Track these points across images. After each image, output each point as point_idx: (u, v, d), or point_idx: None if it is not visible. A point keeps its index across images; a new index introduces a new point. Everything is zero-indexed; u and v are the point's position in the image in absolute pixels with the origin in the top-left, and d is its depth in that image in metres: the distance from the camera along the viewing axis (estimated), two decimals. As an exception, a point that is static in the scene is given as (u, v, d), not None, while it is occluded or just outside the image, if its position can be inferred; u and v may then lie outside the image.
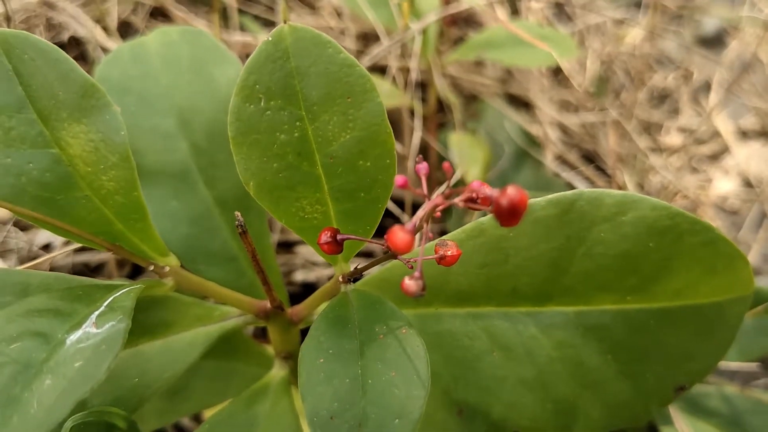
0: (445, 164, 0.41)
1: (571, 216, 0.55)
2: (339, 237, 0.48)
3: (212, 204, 0.68)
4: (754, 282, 0.58)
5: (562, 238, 0.56)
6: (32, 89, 0.50)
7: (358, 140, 0.49)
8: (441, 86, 1.00)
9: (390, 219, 1.02)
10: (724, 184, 1.32)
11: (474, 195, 0.46)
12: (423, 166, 0.45)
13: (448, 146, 0.94)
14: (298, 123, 0.49)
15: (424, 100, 1.08)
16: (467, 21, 1.22)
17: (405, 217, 0.96)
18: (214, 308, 0.61)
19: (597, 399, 0.57)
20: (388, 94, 0.96)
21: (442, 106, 1.11)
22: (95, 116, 0.50)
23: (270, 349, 0.74)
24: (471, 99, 1.16)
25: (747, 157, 1.36)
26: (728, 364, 0.95)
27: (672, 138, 1.38)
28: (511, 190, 0.37)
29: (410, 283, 0.42)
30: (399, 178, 0.41)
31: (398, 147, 0.98)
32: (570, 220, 0.55)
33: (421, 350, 0.48)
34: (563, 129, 1.21)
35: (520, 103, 1.22)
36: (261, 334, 0.89)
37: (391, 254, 0.48)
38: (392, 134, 0.49)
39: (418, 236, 0.45)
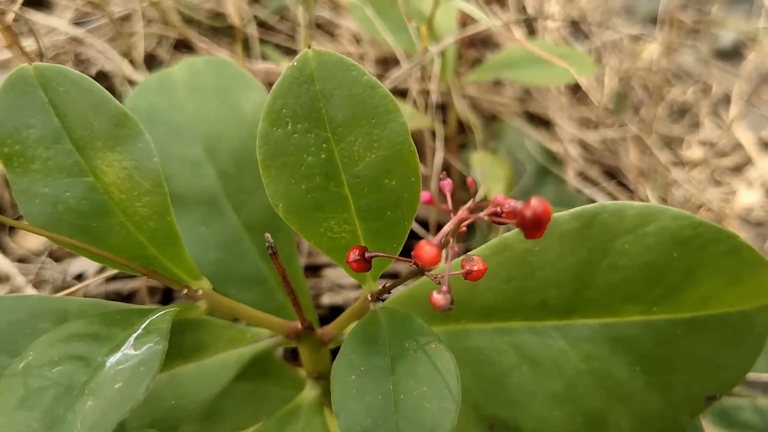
0: (469, 179, 0.42)
1: (593, 229, 0.56)
2: (367, 255, 0.49)
3: (241, 228, 0.70)
4: (781, 290, 0.58)
5: (586, 251, 0.56)
6: (68, 120, 0.52)
7: (383, 159, 0.50)
8: (461, 107, 1.02)
9: (415, 240, 1.02)
10: (748, 196, 1.32)
11: (498, 209, 0.47)
12: (447, 183, 0.46)
13: (470, 166, 0.95)
14: (324, 145, 0.50)
15: (444, 121, 1.09)
16: (485, 43, 1.24)
17: (429, 237, 0.97)
18: (246, 330, 0.63)
19: (626, 411, 0.58)
20: (410, 116, 0.98)
21: (462, 127, 1.13)
22: (128, 144, 0.52)
23: (302, 372, 0.74)
24: (491, 119, 1.17)
25: (770, 168, 1.35)
26: (760, 376, 0.94)
27: (693, 152, 1.38)
28: (535, 202, 0.38)
29: (438, 297, 0.43)
30: (425, 194, 0.42)
31: (421, 168, 0.99)
32: (593, 233, 0.56)
33: (451, 365, 0.48)
34: (584, 146, 1.22)
35: (540, 121, 1.23)
36: (292, 357, 0.90)
37: (418, 270, 0.49)
38: (416, 153, 0.50)
39: (444, 251, 0.46)
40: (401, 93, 1.09)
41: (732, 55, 1.54)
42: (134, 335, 0.49)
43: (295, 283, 0.68)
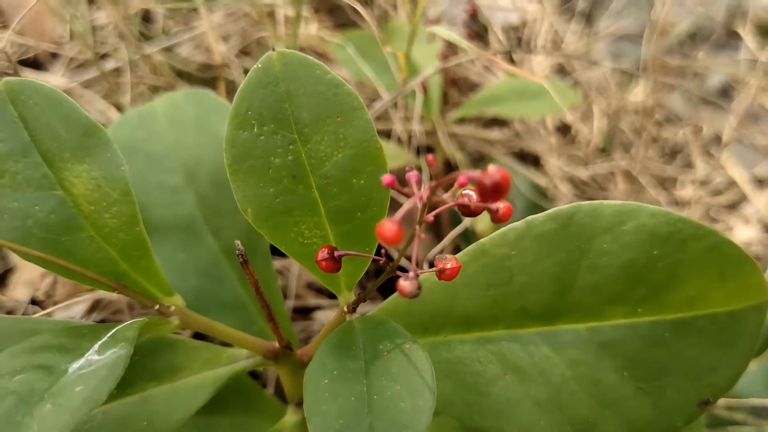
0: (429, 157, 0.41)
1: (571, 230, 0.55)
2: (336, 254, 0.48)
3: (219, 253, 0.69)
4: (768, 289, 0.57)
5: (564, 252, 0.55)
6: (36, 133, 0.52)
7: (350, 158, 0.50)
8: (447, 146, 1.02)
9: (399, 207, 1.01)
10: (745, 232, 1.31)
11: (467, 200, 0.46)
12: (413, 174, 0.46)
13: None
14: (291, 146, 0.50)
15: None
16: (467, 83, 1.25)
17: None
18: (222, 351, 0.61)
19: (617, 418, 0.55)
20: (394, 155, 0.98)
21: (450, 166, 1.13)
22: (97, 154, 0.52)
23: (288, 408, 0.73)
24: (479, 159, 1.17)
25: (766, 203, 1.35)
26: (765, 401, 0.91)
27: (687, 191, 1.37)
28: (492, 169, 0.37)
29: (405, 284, 0.42)
30: (386, 177, 0.41)
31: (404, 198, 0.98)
32: (570, 234, 0.55)
33: (425, 363, 0.47)
34: (573, 182, 1.21)
35: (529, 159, 1.23)
36: (280, 394, 0.88)
37: (390, 267, 0.48)
38: (383, 150, 0.50)
39: (412, 235, 0.45)
40: (386, 134, 1.09)
41: (720, 96, 1.55)
42: (99, 342, 0.48)
43: (274, 305, 0.67)
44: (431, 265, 0.56)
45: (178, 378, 0.59)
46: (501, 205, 0.44)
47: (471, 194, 0.47)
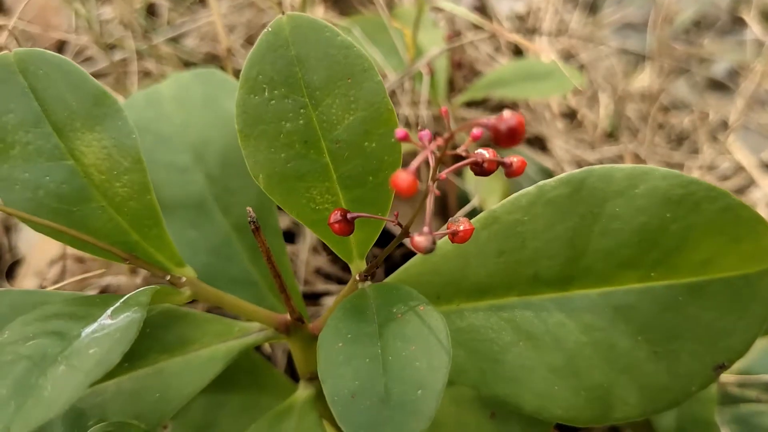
0: (443, 109, 0.41)
1: (582, 194, 0.55)
2: (349, 216, 0.48)
3: (230, 230, 0.69)
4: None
5: (577, 216, 0.55)
6: (47, 103, 0.52)
7: (361, 120, 0.50)
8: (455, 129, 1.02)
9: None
10: (753, 216, 1.30)
11: (480, 159, 0.46)
12: (425, 133, 0.46)
13: (465, 179, 0.94)
14: (302, 110, 0.50)
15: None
16: (476, 73, 1.25)
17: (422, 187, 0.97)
18: (234, 324, 0.61)
19: (632, 383, 0.55)
20: (402, 139, 0.98)
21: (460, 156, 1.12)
22: (107, 123, 0.52)
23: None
24: (485, 146, 1.17)
25: (774, 187, 1.34)
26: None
27: (695, 176, 1.37)
28: (507, 114, 0.37)
29: (420, 240, 0.42)
30: (399, 131, 0.41)
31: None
32: (582, 198, 0.55)
33: (440, 323, 0.47)
34: (581, 166, 1.21)
35: (537, 143, 1.23)
36: (291, 374, 0.87)
37: (403, 229, 0.48)
38: (395, 112, 0.49)
39: (425, 185, 0.45)
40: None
41: (726, 83, 1.55)
42: (112, 308, 0.48)
43: (286, 280, 0.67)
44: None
45: (190, 351, 0.58)
46: (515, 159, 0.44)
47: (484, 153, 0.46)
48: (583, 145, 1.25)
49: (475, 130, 0.41)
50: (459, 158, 0.46)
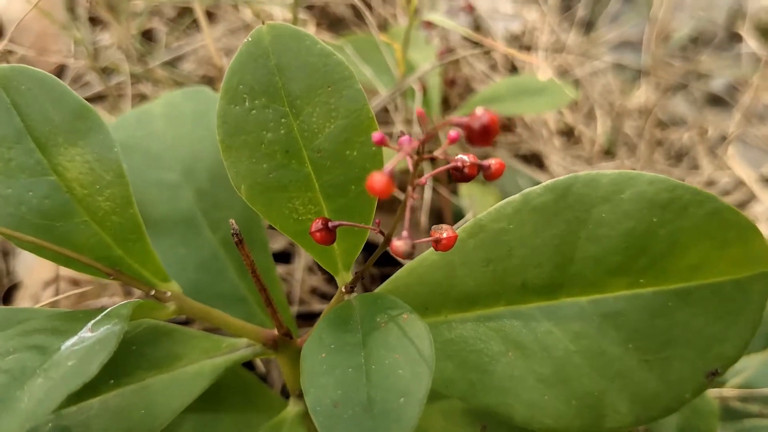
0: (418, 110, 0.41)
1: (568, 200, 0.54)
2: (331, 224, 0.48)
3: (218, 246, 0.69)
4: (774, 257, 0.56)
5: (563, 223, 0.55)
6: (29, 118, 0.52)
7: (342, 129, 0.49)
8: (449, 147, 1.02)
9: (401, 205, 1.00)
10: (755, 230, 1.29)
11: (460, 164, 0.46)
12: (405, 138, 0.46)
13: (460, 196, 0.94)
14: (283, 119, 0.50)
15: (434, 160, 1.09)
16: (470, 91, 1.25)
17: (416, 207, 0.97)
18: (222, 340, 0.60)
19: (624, 391, 0.54)
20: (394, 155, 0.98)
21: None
22: (90, 137, 0.52)
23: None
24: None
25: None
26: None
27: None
28: (479, 111, 0.37)
29: (399, 244, 0.42)
30: (376, 135, 0.41)
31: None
32: (568, 205, 0.54)
33: (423, 331, 0.46)
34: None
35: (533, 160, 1.23)
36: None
37: (385, 239, 0.48)
38: (375, 120, 0.49)
39: (406, 189, 0.44)
40: (386, 136, 1.09)
41: (725, 98, 1.55)
42: (93, 321, 0.47)
43: (273, 295, 0.67)
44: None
45: (177, 367, 0.58)
46: (492, 161, 0.44)
47: (464, 158, 0.46)
48: (580, 162, 1.24)
49: (452, 132, 0.41)
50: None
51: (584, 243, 0.55)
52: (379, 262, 1.01)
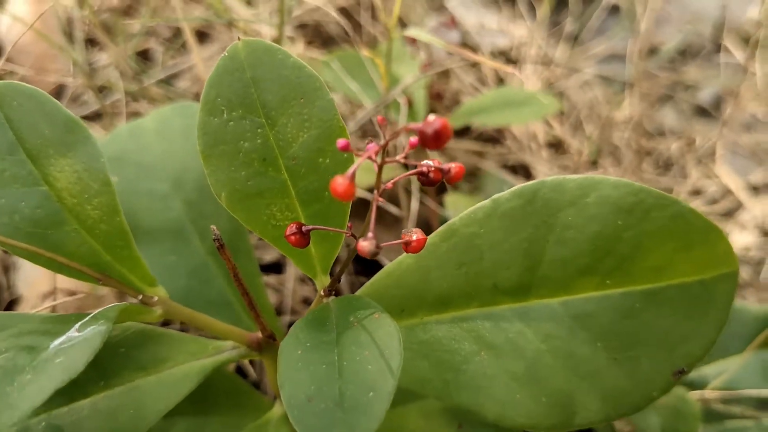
0: (379, 118, 0.43)
1: (536, 205, 0.57)
2: (305, 228, 0.50)
3: (206, 255, 0.71)
4: (737, 258, 0.58)
5: (531, 227, 0.57)
6: (21, 132, 0.55)
7: (315, 138, 0.52)
8: (435, 157, 1.04)
9: (390, 216, 1.02)
10: (743, 238, 1.31)
11: (425, 169, 0.48)
12: (372, 145, 0.48)
13: (445, 207, 0.96)
14: (259, 130, 0.52)
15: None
16: (459, 103, 1.28)
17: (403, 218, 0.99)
18: (208, 343, 0.63)
19: (593, 389, 0.56)
20: (384, 169, 1.00)
21: (444, 184, 1.15)
22: (78, 149, 0.55)
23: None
24: (470, 174, 1.19)
25: (762, 209, 1.35)
26: (763, 392, 0.91)
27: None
28: (432, 117, 0.39)
29: (364, 244, 0.44)
30: (341, 141, 0.44)
31: (396, 211, 1.01)
32: (536, 209, 0.57)
33: (392, 329, 0.48)
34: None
35: (521, 173, 1.25)
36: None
37: (357, 242, 0.50)
38: (346, 129, 0.52)
39: (370, 190, 0.47)
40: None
41: (712, 110, 1.57)
42: (81, 322, 0.50)
43: (258, 300, 0.69)
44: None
45: (164, 369, 0.60)
46: (453, 165, 0.46)
47: (430, 164, 0.48)
48: (566, 172, 1.27)
49: (412, 138, 0.43)
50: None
51: (552, 246, 0.57)
52: (365, 271, 1.03)
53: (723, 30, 1.62)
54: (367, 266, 1.01)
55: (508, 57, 1.46)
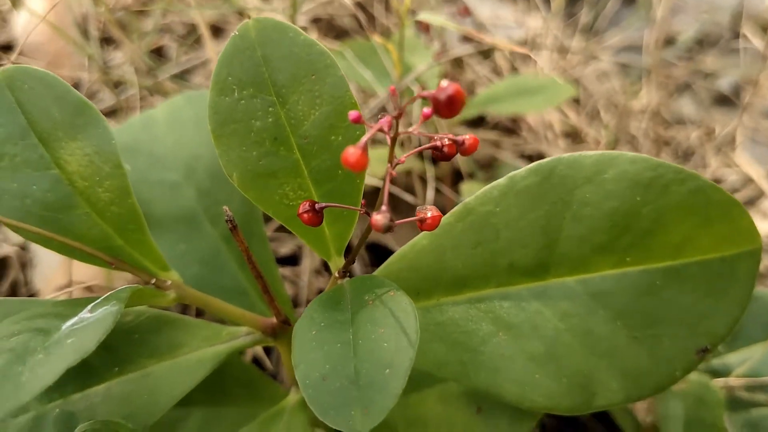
0: (391, 87, 0.43)
1: (552, 182, 0.56)
2: (317, 206, 0.49)
3: (219, 241, 0.71)
4: (759, 234, 0.57)
5: (548, 204, 0.56)
6: (32, 115, 0.54)
7: (327, 115, 0.51)
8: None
9: (405, 204, 1.02)
10: (765, 226, 1.29)
11: (439, 143, 0.48)
12: (385, 119, 0.47)
13: (462, 195, 0.96)
14: (270, 108, 0.52)
15: (435, 162, 1.11)
16: (474, 94, 1.27)
17: (421, 205, 0.98)
18: (222, 328, 0.62)
19: (614, 368, 0.55)
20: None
21: (459, 173, 1.14)
22: (89, 131, 0.54)
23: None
24: (486, 165, 1.19)
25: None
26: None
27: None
28: (444, 83, 0.38)
29: (378, 218, 0.43)
30: (352, 113, 0.43)
31: (411, 200, 1.00)
32: (552, 186, 0.56)
33: (408, 306, 0.47)
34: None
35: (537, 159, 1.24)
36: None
37: (371, 219, 0.49)
38: (357, 105, 0.51)
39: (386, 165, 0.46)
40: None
41: (732, 97, 1.55)
42: (93, 303, 0.49)
43: (273, 286, 0.68)
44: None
45: (179, 354, 0.60)
46: (467, 137, 0.45)
47: (444, 139, 0.48)
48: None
49: (425, 109, 0.43)
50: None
51: (569, 223, 0.56)
52: (379, 261, 1.03)
53: (741, 18, 1.60)
54: (380, 257, 1.00)
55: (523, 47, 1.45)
